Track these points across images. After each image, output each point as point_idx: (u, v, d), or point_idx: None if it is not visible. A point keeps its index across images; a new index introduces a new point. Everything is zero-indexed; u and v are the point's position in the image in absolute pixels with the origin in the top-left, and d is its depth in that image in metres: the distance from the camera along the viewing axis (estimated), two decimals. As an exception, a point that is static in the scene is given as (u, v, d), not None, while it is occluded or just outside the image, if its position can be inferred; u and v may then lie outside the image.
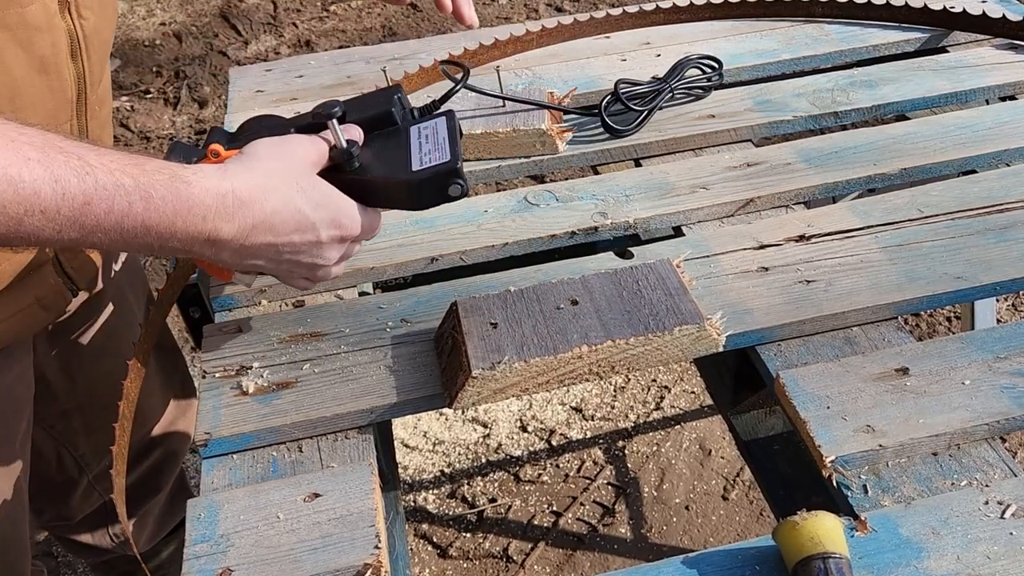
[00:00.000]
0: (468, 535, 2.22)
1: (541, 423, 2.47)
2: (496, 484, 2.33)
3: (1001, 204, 1.13)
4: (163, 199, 0.79)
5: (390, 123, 0.98)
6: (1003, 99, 1.40)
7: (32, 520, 1.32)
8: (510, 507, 2.27)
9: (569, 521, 2.23)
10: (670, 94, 1.37)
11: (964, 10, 1.51)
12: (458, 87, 1.06)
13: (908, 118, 1.37)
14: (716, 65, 1.42)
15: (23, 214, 0.72)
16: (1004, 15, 1.47)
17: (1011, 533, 0.78)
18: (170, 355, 1.57)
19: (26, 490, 1.29)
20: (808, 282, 1.04)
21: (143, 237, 0.79)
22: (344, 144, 0.93)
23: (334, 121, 0.93)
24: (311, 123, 0.95)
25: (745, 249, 1.10)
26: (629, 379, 2.58)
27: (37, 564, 1.66)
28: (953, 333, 2.58)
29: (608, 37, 1.65)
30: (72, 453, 1.45)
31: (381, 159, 0.94)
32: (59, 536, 1.70)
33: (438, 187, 0.93)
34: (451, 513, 2.27)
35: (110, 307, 1.35)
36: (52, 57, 1.01)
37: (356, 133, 0.96)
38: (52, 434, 1.41)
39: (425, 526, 2.24)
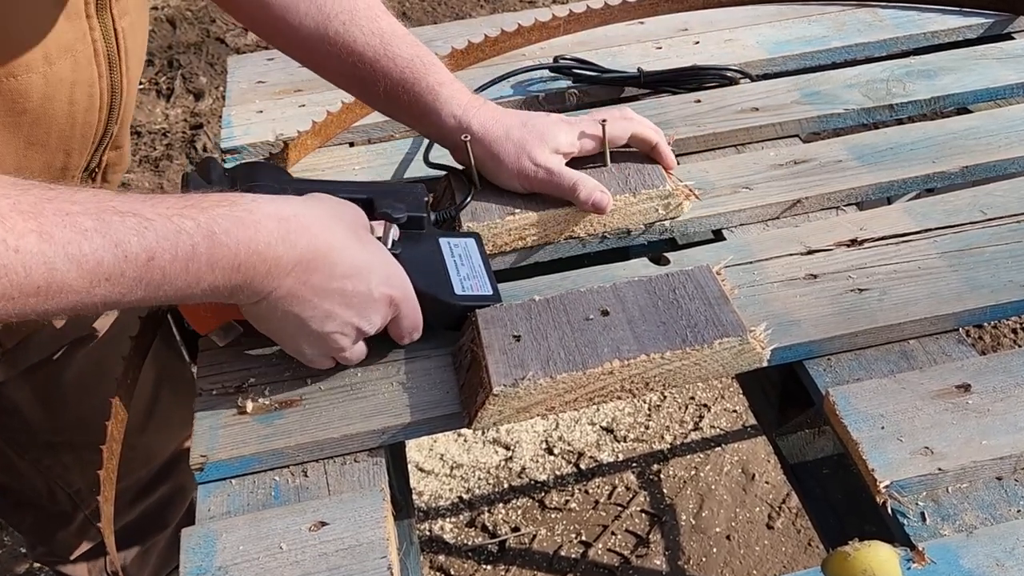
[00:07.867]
0: (489, 567, 2.22)
1: (568, 445, 2.47)
2: (519, 511, 2.34)
3: (1073, 205, 1.13)
4: (226, 232, 0.81)
5: (418, 227, 1.04)
6: (1075, 90, 1.39)
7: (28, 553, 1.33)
8: (535, 537, 2.27)
9: (599, 552, 2.23)
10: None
11: (1033, -8, 1.51)
12: (468, 200, 1.15)
13: (970, 111, 1.37)
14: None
15: (89, 286, 0.75)
16: (1077, -3, 1.47)
17: (1084, 567, 0.78)
18: (182, 385, 1.57)
19: None
20: (860, 291, 1.04)
21: (208, 277, 0.81)
22: (389, 247, 0.98)
23: (395, 227, 1.00)
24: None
25: (792, 255, 1.10)
26: (665, 397, 2.58)
27: None
28: (1019, 346, 2.57)
29: (642, 23, 1.66)
30: (65, 489, 1.46)
31: (417, 268, 0.98)
32: (52, 570, 1.72)
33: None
34: (470, 543, 2.28)
35: (97, 335, 1.35)
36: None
37: (396, 233, 1.01)
38: (40, 468, 1.41)
39: (442, 557, 2.25)
